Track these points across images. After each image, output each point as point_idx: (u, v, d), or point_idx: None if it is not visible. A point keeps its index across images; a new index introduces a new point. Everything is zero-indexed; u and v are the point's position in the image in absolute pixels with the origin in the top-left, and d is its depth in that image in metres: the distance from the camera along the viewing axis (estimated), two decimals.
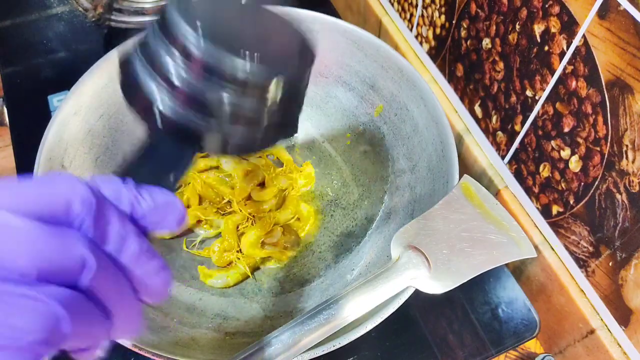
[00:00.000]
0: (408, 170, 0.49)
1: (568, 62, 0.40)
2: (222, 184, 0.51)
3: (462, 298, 0.48)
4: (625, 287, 0.41)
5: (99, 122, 0.48)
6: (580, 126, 0.41)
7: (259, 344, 0.33)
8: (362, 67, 0.51)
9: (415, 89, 0.47)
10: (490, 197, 0.42)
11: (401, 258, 0.37)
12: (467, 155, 0.56)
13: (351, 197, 0.52)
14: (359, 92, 0.53)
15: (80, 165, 0.45)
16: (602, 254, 0.43)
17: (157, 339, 0.37)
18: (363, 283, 0.35)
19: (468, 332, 0.46)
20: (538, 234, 0.49)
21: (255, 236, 0.48)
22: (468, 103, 0.54)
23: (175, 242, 0.49)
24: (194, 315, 0.43)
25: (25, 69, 0.62)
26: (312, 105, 0.55)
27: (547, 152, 0.45)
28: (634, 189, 0.38)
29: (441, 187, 0.43)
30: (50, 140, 0.43)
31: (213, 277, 0.46)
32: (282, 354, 0.32)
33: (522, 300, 0.48)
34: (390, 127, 0.51)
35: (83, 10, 0.67)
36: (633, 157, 0.37)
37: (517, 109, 0.47)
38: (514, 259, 0.39)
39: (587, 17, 0.37)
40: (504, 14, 0.45)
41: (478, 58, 0.50)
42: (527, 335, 0.46)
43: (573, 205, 0.44)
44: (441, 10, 0.53)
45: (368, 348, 0.45)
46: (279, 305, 0.46)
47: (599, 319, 0.45)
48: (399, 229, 0.39)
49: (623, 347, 0.44)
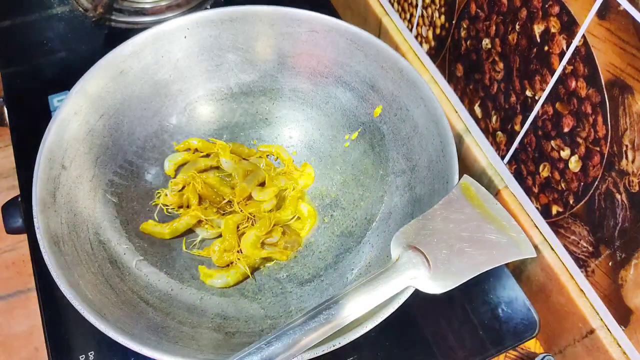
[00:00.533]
0: (408, 170, 0.49)
1: (568, 62, 0.40)
2: (222, 184, 0.51)
3: (462, 298, 0.48)
4: (625, 287, 0.42)
5: (100, 122, 0.48)
6: (580, 126, 0.41)
7: (259, 343, 0.33)
8: (362, 67, 0.51)
9: (415, 89, 0.47)
10: (490, 197, 0.42)
11: (401, 258, 0.37)
12: (467, 155, 0.56)
13: (351, 197, 0.52)
14: (358, 92, 0.53)
15: (80, 166, 0.45)
16: (602, 254, 0.43)
17: (157, 339, 0.37)
18: (363, 283, 0.35)
19: (468, 332, 0.46)
20: (538, 234, 0.49)
21: (255, 236, 0.48)
22: (468, 103, 0.54)
23: (175, 242, 0.49)
24: (194, 315, 0.43)
25: (25, 69, 0.62)
26: (312, 105, 0.55)
27: (547, 152, 0.45)
28: (633, 189, 0.38)
29: (441, 187, 0.43)
30: (51, 140, 0.43)
31: (213, 277, 0.46)
32: (282, 354, 0.32)
33: (522, 300, 0.48)
34: (390, 127, 0.51)
35: (83, 10, 0.67)
36: (633, 157, 0.37)
37: (517, 109, 0.47)
38: (514, 259, 0.39)
39: (587, 17, 0.37)
40: (504, 14, 0.45)
41: (478, 58, 0.50)
42: (527, 335, 0.46)
43: (573, 205, 0.44)
44: (441, 10, 0.53)
45: (368, 348, 0.45)
46: (279, 305, 0.46)
47: (599, 318, 0.45)
48: (399, 229, 0.39)
49: (623, 347, 0.44)
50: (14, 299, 0.63)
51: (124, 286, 0.42)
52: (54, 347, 0.44)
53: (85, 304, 0.36)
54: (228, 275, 0.46)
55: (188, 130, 0.54)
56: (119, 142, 0.49)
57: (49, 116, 0.57)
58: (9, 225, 0.52)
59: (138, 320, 0.39)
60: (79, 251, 0.41)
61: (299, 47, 0.53)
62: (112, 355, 0.44)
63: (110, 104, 0.48)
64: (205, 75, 0.54)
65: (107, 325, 0.35)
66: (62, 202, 0.43)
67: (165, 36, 0.51)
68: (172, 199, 0.49)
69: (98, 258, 0.42)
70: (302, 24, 0.52)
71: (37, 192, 0.41)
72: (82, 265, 0.40)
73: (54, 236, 0.40)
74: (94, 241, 0.43)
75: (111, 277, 0.42)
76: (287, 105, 0.56)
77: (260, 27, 0.52)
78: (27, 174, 0.52)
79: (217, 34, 0.52)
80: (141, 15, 0.66)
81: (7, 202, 0.53)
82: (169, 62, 0.52)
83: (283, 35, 0.53)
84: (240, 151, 0.54)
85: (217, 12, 0.51)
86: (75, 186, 0.44)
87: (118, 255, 0.45)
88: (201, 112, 0.55)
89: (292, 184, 0.52)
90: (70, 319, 0.45)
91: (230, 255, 0.47)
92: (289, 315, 0.45)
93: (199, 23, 0.51)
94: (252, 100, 0.56)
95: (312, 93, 0.55)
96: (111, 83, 0.48)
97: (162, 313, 0.42)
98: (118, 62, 0.49)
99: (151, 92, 0.51)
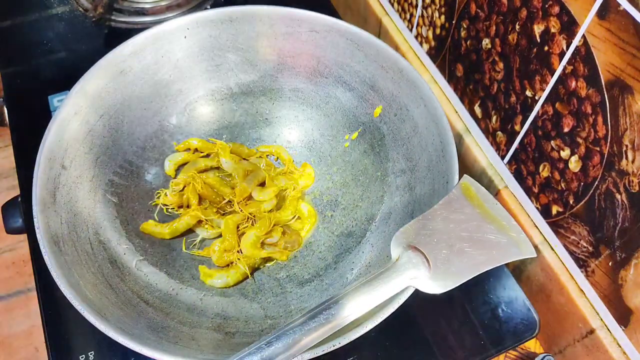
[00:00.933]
0: (408, 170, 0.49)
1: (568, 62, 0.40)
2: (223, 184, 0.51)
3: (462, 298, 0.48)
4: (625, 287, 0.42)
5: (100, 122, 0.48)
6: (580, 126, 0.41)
7: (259, 343, 0.33)
8: (362, 67, 0.51)
9: (415, 90, 0.47)
10: (490, 197, 0.42)
11: (401, 258, 0.37)
12: (467, 155, 0.56)
13: (351, 197, 0.52)
14: (358, 92, 0.53)
15: (80, 166, 0.45)
16: (602, 253, 0.43)
17: (157, 339, 0.37)
18: (363, 283, 0.35)
19: (468, 332, 0.46)
20: (538, 233, 0.49)
21: (255, 236, 0.48)
22: (468, 103, 0.54)
23: (175, 242, 0.49)
24: (194, 315, 0.43)
25: (26, 69, 0.62)
26: (312, 105, 0.55)
27: (547, 152, 0.45)
28: (633, 189, 0.38)
29: (441, 187, 0.43)
30: (51, 140, 0.43)
31: (213, 277, 0.46)
32: (282, 354, 0.32)
33: (521, 300, 0.48)
34: (390, 127, 0.51)
35: (83, 10, 0.67)
36: (633, 157, 0.37)
37: (517, 109, 0.47)
38: (514, 259, 0.39)
39: (587, 17, 0.37)
40: (504, 14, 0.45)
41: (478, 58, 0.50)
42: (527, 335, 0.46)
43: (573, 205, 0.44)
44: (441, 10, 0.53)
45: (368, 348, 0.45)
46: (279, 305, 0.46)
47: (599, 318, 0.45)
48: (399, 229, 0.39)
49: (623, 347, 0.44)
50: (14, 299, 0.63)
51: (124, 286, 0.42)
52: (54, 347, 0.44)
53: (85, 304, 0.36)
54: (228, 275, 0.46)
55: (188, 130, 0.54)
56: (119, 142, 0.49)
57: (49, 116, 0.57)
58: (9, 225, 0.52)
59: (138, 320, 0.39)
60: (79, 251, 0.41)
61: (299, 47, 0.53)
62: (112, 355, 0.44)
63: (110, 104, 0.48)
64: (206, 75, 0.54)
65: (107, 325, 0.35)
66: (62, 202, 0.43)
67: (165, 36, 0.51)
68: (172, 199, 0.49)
69: (98, 258, 0.42)
70: (302, 24, 0.52)
71: (37, 192, 0.41)
72: (82, 265, 0.40)
73: (54, 236, 0.40)
74: (94, 241, 0.43)
75: (111, 277, 0.42)
76: (287, 106, 0.56)
77: (261, 27, 0.52)
78: (27, 174, 0.52)
79: (217, 34, 0.52)
80: (141, 15, 0.66)
81: (7, 202, 0.53)
82: (169, 62, 0.52)
83: (283, 35, 0.53)
84: (240, 151, 0.54)
85: (217, 12, 0.51)
86: (75, 186, 0.44)
87: (118, 255, 0.45)
88: (201, 112, 0.55)
89: (292, 184, 0.52)
90: (70, 319, 0.45)
91: (230, 255, 0.47)
92: (289, 315, 0.45)
93: (199, 23, 0.51)
94: (252, 100, 0.56)
95: (312, 93, 0.55)
96: (111, 83, 0.48)
97: (162, 313, 0.42)
98: (118, 62, 0.49)
99: (151, 92, 0.51)
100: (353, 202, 0.52)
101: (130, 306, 0.40)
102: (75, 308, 0.36)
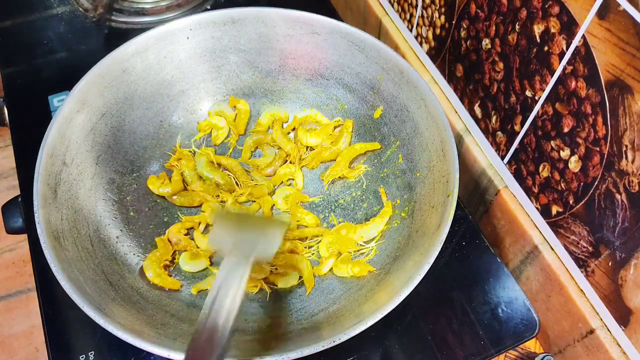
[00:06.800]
0: (408, 170, 0.49)
1: (568, 62, 0.40)
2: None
3: (462, 298, 0.48)
4: (625, 287, 0.42)
5: (101, 121, 0.48)
6: (579, 126, 0.41)
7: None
8: (362, 69, 0.51)
9: (416, 90, 0.48)
10: None
11: None
12: (467, 155, 0.56)
13: (351, 197, 0.52)
14: (359, 93, 0.53)
15: (81, 163, 0.45)
16: (602, 254, 0.43)
17: (157, 335, 0.37)
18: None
19: (468, 332, 0.46)
20: (538, 234, 0.49)
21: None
22: (468, 103, 0.54)
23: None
24: (194, 312, 0.43)
25: (26, 69, 0.62)
26: (313, 106, 0.55)
27: (547, 152, 0.45)
28: (633, 189, 0.38)
29: (441, 187, 0.43)
30: (53, 136, 0.43)
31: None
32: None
33: (521, 300, 0.48)
34: (390, 128, 0.51)
35: (83, 11, 0.67)
36: (632, 157, 0.38)
37: (517, 109, 0.47)
38: None
39: (587, 17, 0.37)
40: (504, 15, 0.45)
41: (478, 58, 0.50)
42: (527, 335, 0.46)
43: (573, 205, 0.44)
44: (441, 10, 0.54)
45: (368, 348, 0.45)
46: (279, 304, 0.46)
47: (599, 318, 0.45)
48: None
49: (622, 347, 0.44)
50: (14, 299, 0.63)
51: (124, 283, 0.42)
52: (54, 347, 0.44)
53: (85, 298, 0.36)
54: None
55: (189, 130, 0.54)
56: (120, 141, 0.50)
57: (49, 116, 0.57)
58: (9, 225, 0.52)
59: (137, 316, 0.39)
60: (79, 248, 0.41)
61: (301, 49, 0.53)
62: (112, 355, 0.44)
63: (112, 103, 0.49)
64: (207, 76, 0.54)
65: (106, 320, 0.35)
66: (63, 199, 0.43)
67: (168, 37, 0.51)
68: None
69: (98, 255, 0.42)
70: (304, 26, 0.52)
71: (39, 186, 0.41)
72: (82, 261, 0.40)
73: (55, 232, 0.40)
74: (94, 238, 0.43)
75: (111, 274, 0.42)
76: (289, 107, 0.56)
77: (262, 29, 0.53)
78: (27, 174, 0.52)
79: (219, 35, 0.52)
80: (141, 15, 0.66)
81: (7, 202, 0.53)
82: (172, 63, 0.52)
83: (285, 37, 0.53)
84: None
85: (219, 13, 0.52)
86: (76, 183, 0.44)
87: (118, 253, 0.45)
88: (203, 113, 0.55)
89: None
90: (70, 319, 0.45)
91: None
92: (288, 315, 0.45)
93: (201, 24, 0.52)
94: (253, 101, 0.56)
95: (313, 94, 0.55)
96: (114, 82, 0.48)
97: (162, 310, 0.42)
98: (121, 61, 0.49)
99: (153, 91, 0.52)
100: (353, 202, 0.52)
101: (130, 303, 0.40)
102: (76, 306, 0.36)
